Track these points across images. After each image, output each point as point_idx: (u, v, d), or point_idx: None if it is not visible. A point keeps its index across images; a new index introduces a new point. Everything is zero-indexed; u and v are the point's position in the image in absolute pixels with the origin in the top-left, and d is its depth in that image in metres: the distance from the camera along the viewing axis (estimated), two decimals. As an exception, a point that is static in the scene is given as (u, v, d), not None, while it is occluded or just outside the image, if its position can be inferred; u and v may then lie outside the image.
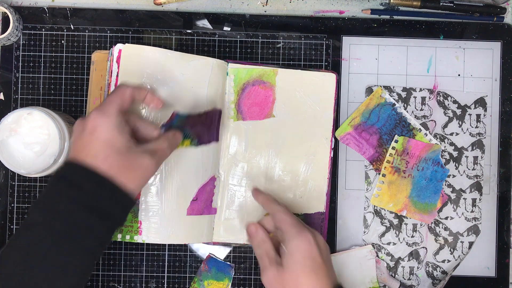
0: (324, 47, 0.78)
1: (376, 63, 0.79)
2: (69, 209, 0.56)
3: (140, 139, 0.63)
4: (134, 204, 0.61)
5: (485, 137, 0.79)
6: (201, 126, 0.73)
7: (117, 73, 0.69)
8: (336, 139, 0.77)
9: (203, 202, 0.74)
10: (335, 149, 0.78)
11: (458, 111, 0.78)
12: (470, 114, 0.79)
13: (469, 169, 0.78)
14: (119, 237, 0.70)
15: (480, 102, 0.79)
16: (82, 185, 0.57)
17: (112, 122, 0.59)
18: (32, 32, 0.77)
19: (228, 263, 0.77)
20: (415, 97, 0.78)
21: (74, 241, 0.56)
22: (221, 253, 0.77)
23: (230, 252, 0.77)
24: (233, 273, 0.77)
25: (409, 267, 0.78)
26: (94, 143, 0.58)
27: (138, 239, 0.71)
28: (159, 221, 0.71)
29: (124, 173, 0.58)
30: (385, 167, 0.77)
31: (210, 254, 0.77)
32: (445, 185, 0.78)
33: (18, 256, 0.55)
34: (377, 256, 0.78)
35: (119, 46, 0.69)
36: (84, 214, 0.56)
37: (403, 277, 0.78)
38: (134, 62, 0.69)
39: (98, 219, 0.57)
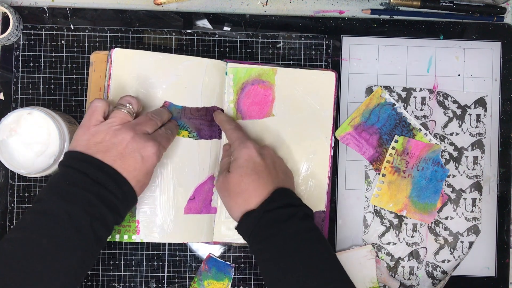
0: (324, 47, 0.78)
1: (376, 63, 0.79)
2: (91, 203, 0.60)
3: None
4: (135, 203, 0.65)
5: (485, 137, 0.78)
6: (200, 120, 0.73)
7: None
8: (336, 139, 0.77)
9: (201, 201, 0.74)
10: (335, 149, 0.78)
11: (458, 111, 0.78)
12: (470, 114, 0.78)
13: (469, 169, 0.78)
14: (117, 237, 0.70)
15: (480, 102, 0.79)
16: (100, 180, 0.61)
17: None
18: (32, 32, 0.77)
19: (228, 263, 0.77)
20: (415, 97, 0.78)
21: (92, 230, 0.60)
22: (219, 251, 0.77)
23: (230, 252, 0.77)
24: (233, 273, 0.77)
25: (409, 267, 0.78)
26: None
27: (136, 238, 0.71)
28: (157, 220, 0.71)
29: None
30: (385, 167, 0.77)
31: (210, 254, 0.77)
32: (445, 185, 0.78)
33: (39, 242, 0.58)
34: (377, 256, 0.78)
35: (115, 49, 0.70)
36: (102, 207, 0.60)
37: (403, 277, 0.78)
38: (126, 67, 0.70)
39: (110, 211, 0.61)
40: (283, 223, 0.63)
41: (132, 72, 0.70)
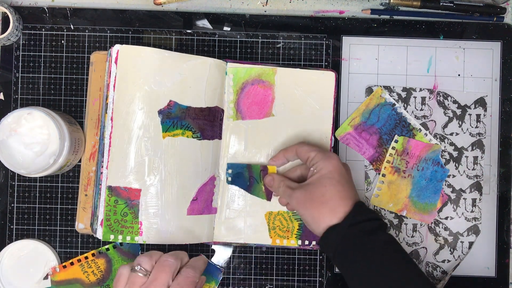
0: (324, 47, 0.78)
1: (376, 63, 0.79)
2: None
3: None
4: None
5: (485, 137, 0.78)
6: (204, 121, 0.73)
7: (116, 73, 0.69)
8: (336, 139, 0.77)
9: (203, 202, 0.74)
10: (335, 149, 0.78)
11: (458, 111, 0.78)
12: (470, 114, 0.78)
13: (469, 169, 0.78)
14: (119, 238, 0.70)
15: (480, 102, 0.79)
16: None
17: None
18: (32, 32, 0.77)
19: (218, 266, 0.77)
20: (415, 97, 0.78)
21: None
22: (220, 255, 0.77)
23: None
24: (221, 278, 0.76)
25: (409, 267, 0.78)
26: None
27: (138, 240, 0.71)
28: (160, 221, 0.71)
29: None
30: (385, 167, 0.77)
31: (202, 254, 0.77)
32: (445, 185, 0.78)
33: None
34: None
35: (117, 47, 0.69)
36: None
37: (403, 277, 0.78)
38: (131, 63, 0.69)
39: None
40: (369, 236, 0.63)
41: (136, 69, 0.70)
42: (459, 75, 0.79)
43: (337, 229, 0.64)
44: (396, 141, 0.77)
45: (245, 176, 0.75)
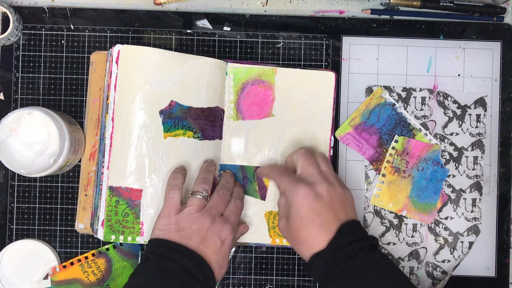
0: (324, 47, 0.78)
1: (376, 63, 0.79)
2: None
3: None
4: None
5: (485, 137, 0.79)
6: (205, 121, 0.73)
7: (116, 74, 0.69)
8: (336, 139, 0.77)
9: (203, 202, 0.73)
10: (335, 149, 0.78)
11: (458, 111, 0.78)
12: (470, 114, 0.79)
13: (469, 169, 0.78)
14: (121, 238, 0.70)
15: (480, 102, 0.79)
16: (188, 268, 0.64)
17: None
18: (32, 32, 0.77)
19: None
20: (415, 97, 0.78)
21: None
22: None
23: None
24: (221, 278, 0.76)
25: (409, 267, 0.78)
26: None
27: (140, 240, 0.71)
28: (160, 221, 0.71)
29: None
30: (385, 167, 0.77)
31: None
32: (445, 185, 0.78)
33: None
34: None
35: (118, 46, 0.69)
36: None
37: (403, 277, 0.78)
38: (133, 63, 0.69)
39: None
40: (351, 259, 0.63)
41: (138, 69, 0.70)
42: (459, 75, 0.79)
43: (320, 256, 0.64)
44: (396, 141, 0.77)
45: (239, 177, 0.75)
